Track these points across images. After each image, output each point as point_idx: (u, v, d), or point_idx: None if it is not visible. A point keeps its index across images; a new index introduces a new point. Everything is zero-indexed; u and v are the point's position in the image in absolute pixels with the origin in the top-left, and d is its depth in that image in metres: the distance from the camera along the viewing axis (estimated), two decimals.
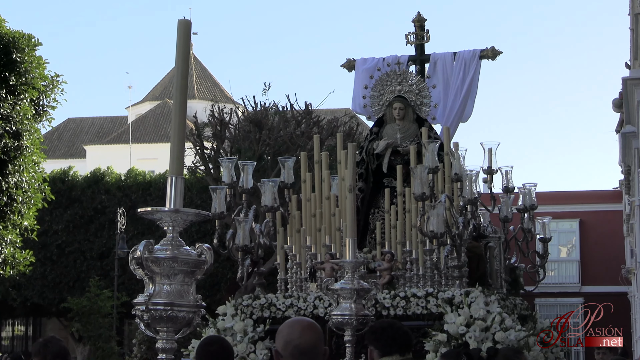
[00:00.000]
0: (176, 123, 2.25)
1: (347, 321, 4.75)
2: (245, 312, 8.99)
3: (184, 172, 2.34)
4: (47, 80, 17.42)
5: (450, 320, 8.13)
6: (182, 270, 2.34)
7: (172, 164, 2.30)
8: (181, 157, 2.28)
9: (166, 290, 2.35)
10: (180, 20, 2.31)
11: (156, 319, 2.34)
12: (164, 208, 2.34)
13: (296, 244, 9.44)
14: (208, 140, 23.02)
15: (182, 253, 2.34)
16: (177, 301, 2.34)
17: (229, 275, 24.90)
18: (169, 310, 2.32)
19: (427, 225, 8.29)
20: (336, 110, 31.32)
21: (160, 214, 2.33)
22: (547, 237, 10.81)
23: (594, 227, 29.08)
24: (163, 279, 2.35)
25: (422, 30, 11.75)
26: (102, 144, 45.47)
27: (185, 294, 2.35)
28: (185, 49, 2.33)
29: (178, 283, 2.34)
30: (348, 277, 4.81)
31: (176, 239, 2.34)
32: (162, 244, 2.37)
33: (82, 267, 28.56)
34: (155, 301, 2.33)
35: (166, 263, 2.33)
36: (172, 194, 2.33)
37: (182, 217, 2.33)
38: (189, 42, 2.35)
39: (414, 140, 10.33)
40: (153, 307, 2.32)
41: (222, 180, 9.54)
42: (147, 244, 2.33)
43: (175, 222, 2.34)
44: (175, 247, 2.34)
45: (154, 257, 2.33)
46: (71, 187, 29.08)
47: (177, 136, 2.26)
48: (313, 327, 3.19)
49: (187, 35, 2.30)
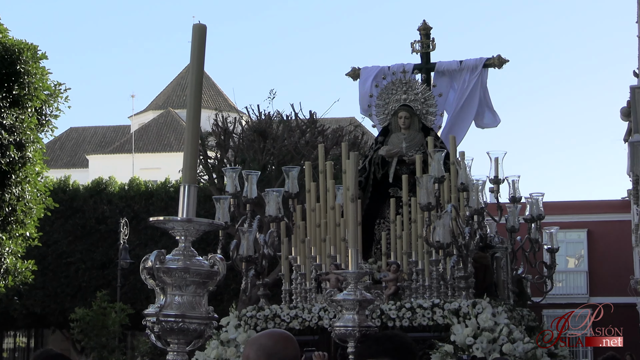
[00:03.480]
0: (190, 131, 2.23)
1: (350, 333, 4.74)
2: (249, 323, 9.00)
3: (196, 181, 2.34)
4: (50, 90, 17.48)
5: (457, 331, 8.13)
6: (194, 282, 2.33)
7: (185, 173, 2.28)
8: (194, 165, 2.27)
9: (177, 302, 2.33)
10: (195, 25, 2.27)
11: (167, 331, 2.33)
12: (177, 217, 2.33)
13: (301, 255, 9.45)
14: (212, 149, 23.04)
15: (195, 264, 2.33)
16: (188, 313, 2.32)
17: (232, 286, 24.88)
18: (180, 322, 2.31)
19: (433, 235, 8.29)
20: (341, 119, 31.34)
21: (173, 224, 2.32)
22: (554, 248, 10.81)
23: (603, 238, 29.02)
24: (175, 290, 2.34)
25: (427, 38, 11.78)
26: (104, 154, 45.51)
27: (197, 305, 2.33)
28: (200, 55, 2.29)
29: (190, 294, 2.33)
30: (351, 287, 4.81)
31: (188, 249, 2.33)
32: (174, 254, 2.36)
33: (83, 277, 28.54)
34: (167, 312, 2.32)
35: (178, 274, 2.32)
36: (184, 203, 2.32)
37: (195, 227, 2.32)
38: (204, 48, 2.30)
39: (420, 149, 10.34)
40: (164, 319, 2.31)
41: (226, 190, 9.56)
42: (158, 254, 2.33)
43: (187, 232, 2.33)
44: (188, 257, 2.32)
45: (165, 268, 2.32)
46: (73, 197, 29.10)
47: (190, 145, 2.24)
48: (292, 339, 3.19)
49: (202, 40, 2.26)
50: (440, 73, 11.73)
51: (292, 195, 9.58)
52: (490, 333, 8.05)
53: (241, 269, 9.15)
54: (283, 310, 9.01)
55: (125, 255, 23.94)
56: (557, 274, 15.78)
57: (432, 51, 11.81)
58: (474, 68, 11.66)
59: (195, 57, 2.30)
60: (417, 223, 9.01)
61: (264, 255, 9.17)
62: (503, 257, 10.04)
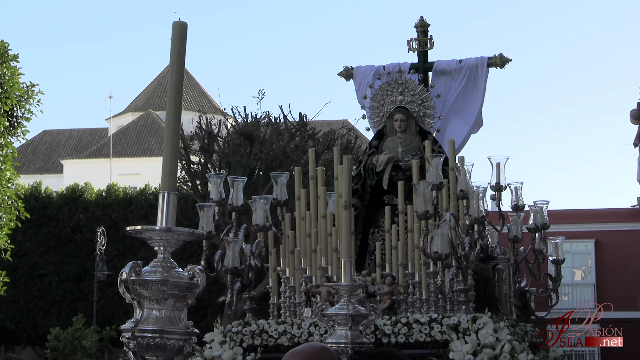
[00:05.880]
0: (169, 135, 2.23)
1: (343, 350, 4.73)
2: (234, 339, 8.98)
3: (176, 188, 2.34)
4: (21, 92, 17.44)
5: (456, 348, 8.13)
6: (173, 295, 2.31)
7: (164, 179, 2.28)
8: (174, 171, 2.26)
9: (155, 316, 2.32)
10: (175, 23, 2.29)
11: (144, 347, 2.31)
12: (155, 227, 2.32)
13: (290, 266, 9.45)
14: (195, 154, 23.04)
15: (173, 275, 2.32)
16: (167, 328, 2.31)
17: (217, 300, 24.84)
18: (157, 337, 2.30)
19: (430, 245, 8.30)
20: (333, 122, 31.40)
21: (150, 233, 2.32)
22: (560, 259, 10.83)
23: (611, 248, 29.10)
24: (152, 304, 2.32)
25: (425, 36, 11.81)
26: (80, 158, 45.47)
27: (175, 320, 2.32)
28: (181, 55, 2.29)
29: (168, 308, 2.32)
30: (343, 301, 4.81)
31: (167, 261, 2.33)
32: (152, 266, 2.35)
33: (57, 290, 28.47)
34: (143, 327, 2.31)
35: (155, 286, 2.31)
36: (164, 212, 2.31)
37: (175, 237, 2.31)
38: (184, 47, 2.31)
39: (417, 154, 10.36)
40: (141, 334, 2.30)
41: (210, 197, 9.55)
42: (133, 266, 2.32)
43: (167, 242, 2.32)
44: (166, 269, 2.32)
45: (141, 280, 2.31)
46: (46, 205, 29.04)
47: (170, 149, 2.24)
48: (330, 350, 3.19)
49: (182, 39, 2.27)
50: (439, 73, 11.77)
51: (280, 202, 9.59)
52: (491, 350, 8.06)
53: (226, 281, 9.14)
54: (271, 326, 9.01)
55: (102, 267, 23.90)
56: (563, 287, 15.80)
57: (430, 49, 11.85)
58: (475, 67, 11.70)
59: (175, 57, 2.31)
60: (413, 232, 9.02)
61: (251, 267, 9.16)
62: (505, 269, 10.06)
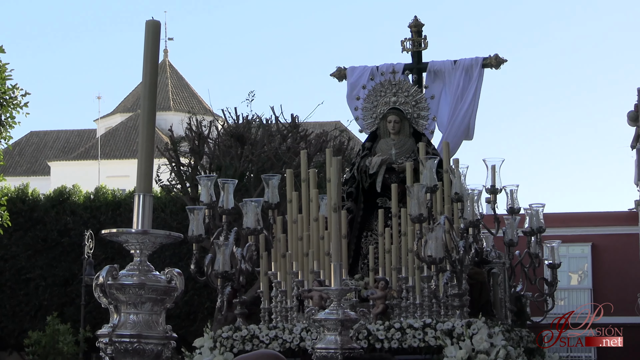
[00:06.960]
0: (144, 135, 2.25)
1: (332, 355, 4.71)
2: (225, 344, 8.97)
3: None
4: (7, 94, 17.38)
5: (450, 353, 8.13)
6: (151, 298, 2.30)
7: (139, 181, 2.28)
8: (150, 172, 2.27)
9: (133, 321, 2.31)
10: (148, 22, 2.30)
11: (121, 352, 2.30)
12: (131, 229, 2.32)
13: (281, 270, 9.43)
14: (185, 156, 23.00)
15: (150, 279, 2.30)
16: (144, 332, 2.30)
17: (207, 305, 24.79)
18: (135, 342, 2.28)
19: (424, 249, 8.29)
20: (325, 123, 31.41)
21: (127, 236, 2.31)
22: (556, 263, 10.84)
23: (608, 252, 29.15)
24: (129, 308, 2.31)
25: (419, 36, 11.82)
26: (67, 160, 45.40)
27: (153, 324, 2.31)
28: (154, 53, 2.31)
29: (146, 312, 2.30)
30: (333, 306, 4.79)
31: (144, 264, 2.32)
32: (129, 269, 2.33)
33: (44, 295, 28.38)
34: (121, 332, 2.30)
35: (132, 290, 2.29)
36: (140, 214, 2.31)
37: (151, 239, 2.29)
38: (158, 46, 2.32)
39: (411, 156, 10.37)
40: (118, 340, 2.29)
41: (200, 200, 9.55)
42: (110, 269, 2.30)
43: (143, 245, 2.31)
44: (143, 272, 2.30)
45: (118, 284, 2.30)
46: (32, 207, 28.95)
47: (145, 150, 2.26)
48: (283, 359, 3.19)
49: (156, 38, 2.29)
50: (433, 73, 11.77)
51: (272, 205, 9.57)
52: (486, 355, 8.07)
53: (216, 285, 9.12)
54: (262, 331, 9.00)
55: (90, 271, 23.82)
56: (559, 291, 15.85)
57: (424, 50, 11.85)
58: (470, 68, 11.71)
59: (149, 56, 2.32)
60: (407, 236, 9.02)
61: (242, 271, 9.15)
62: (500, 273, 10.06)
